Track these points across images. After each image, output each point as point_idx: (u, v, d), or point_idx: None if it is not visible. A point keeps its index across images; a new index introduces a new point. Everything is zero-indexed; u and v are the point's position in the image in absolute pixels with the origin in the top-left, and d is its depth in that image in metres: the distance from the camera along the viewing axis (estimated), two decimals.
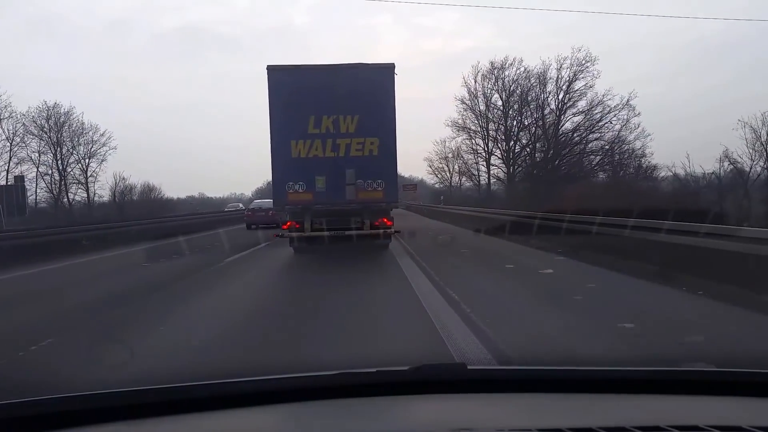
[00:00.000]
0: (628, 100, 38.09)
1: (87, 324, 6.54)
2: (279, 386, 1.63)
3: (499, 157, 45.40)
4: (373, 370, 1.65)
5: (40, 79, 63.78)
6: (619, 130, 38.97)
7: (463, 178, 51.95)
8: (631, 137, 38.74)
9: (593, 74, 39.54)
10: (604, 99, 39.00)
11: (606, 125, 39.61)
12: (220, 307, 7.57)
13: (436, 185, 56.15)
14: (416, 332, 5.70)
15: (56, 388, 1.79)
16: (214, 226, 27.56)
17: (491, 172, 46.55)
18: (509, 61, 43.38)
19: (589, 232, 12.08)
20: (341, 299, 7.60)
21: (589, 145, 41.07)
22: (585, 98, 40.18)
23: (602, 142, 40.19)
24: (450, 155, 51.25)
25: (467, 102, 45.25)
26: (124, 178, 44.79)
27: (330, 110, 12.17)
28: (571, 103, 40.97)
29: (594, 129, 40.20)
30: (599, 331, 5.48)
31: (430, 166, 52.37)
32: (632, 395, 1.57)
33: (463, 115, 45.54)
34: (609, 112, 39.13)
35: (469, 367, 1.65)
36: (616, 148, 39.67)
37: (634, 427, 1.22)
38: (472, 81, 44.44)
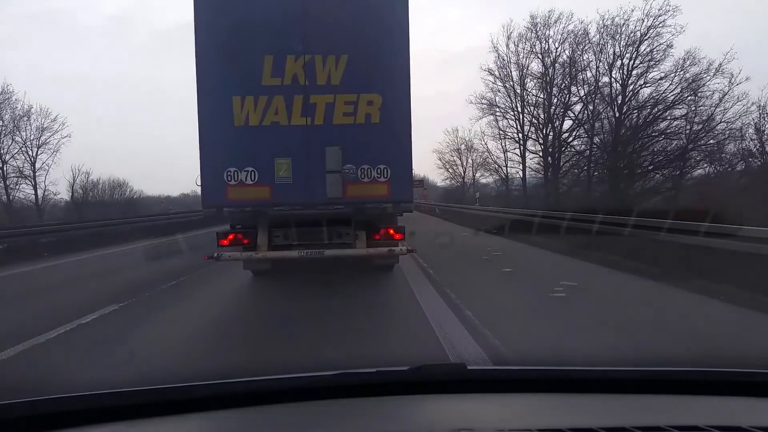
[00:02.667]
0: (720, 66, 28.60)
1: None
2: (279, 386, 1.71)
3: (539, 141, 37.39)
4: (373, 370, 1.73)
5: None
6: (717, 104, 29.21)
7: (478, 173, 47.20)
8: (730, 113, 28.95)
9: (672, 30, 30.08)
10: (687, 64, 29.49)
11: (689, 98, 29.93)
12: None
13: (445, 182, 52.31)
14: None
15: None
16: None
17: (524, 163, 38.40)
18: (555, 16, 34.39)
19: None
20: None
21: (674, 124, 30.41)
22: (662, 63, 30.75)
23: (682, 122, 30.41)
24: (463, 146, 47.24)
25: (495, 73, 37.52)
26: (87, 173, 39.80)
27: (299, 47, 7.93)
28: (644, 68, 31.36)
29: (678, 102, 30.20)
30: None
31: (440, 159, 48.55)
32: (632, 395, 1.65)
33: (492, 87, 38.06)
34: (692, 81, 29.56)
35: (469, 368, 1.74)
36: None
37: (634, 427, 1.29)
38: (503, 45, 36.61)
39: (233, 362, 4.83)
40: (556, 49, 34.86)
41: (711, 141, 29.90)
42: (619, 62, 32.05)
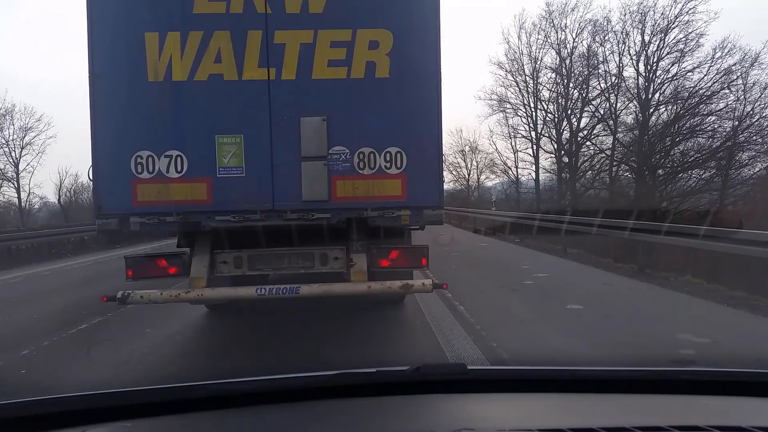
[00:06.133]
0: (756, 57, 27.81)
1: None
2: (279, 386, 1.81)
3: (552, 139, 36.82)
4: (373, 370, 1.82)
5: None
6: (758, 97, 28.12)
7: (483, 176, 47.76)
8: None
9: (705, 17, 29.66)
10: (725, 53, 28.11)
11: (733, 90, 28.54)
12: None
13: (448, 184, 50.71)
14: None
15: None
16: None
17: (537, 164, 37.91)
18: (572, 4, 34.15)
19: None
20: None
21: (711, 119, 28.76)
22: (695, 52, 29.53)
23: (722, 115, 28.79)
24: (467, 148, 47.80)
25: (506, 66, 37.38)
26: (75, 175, 40.02)
27: None
28: (674, 58, 30.22)
29: (718, 93, 28.78)
30: None
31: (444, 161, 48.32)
32: (632, 395, 1.74)
33: (504, 82, 37.88)
34: (724, 74, 28.38)
35: (469, 367, 1.83)
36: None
37: (634, 427, 1.38)
38: (515, 35, 37.49)
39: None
40: (574, 39, 34.31)
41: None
42: (645, 52, 31.25)
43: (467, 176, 50.18)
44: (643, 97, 31.38)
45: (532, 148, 38.68)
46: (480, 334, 6.27)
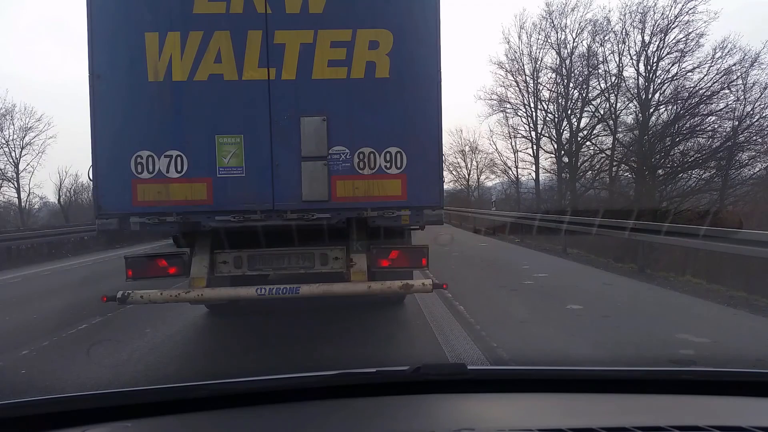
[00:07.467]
0: (756, 57, 27.87)
1: None
2: (279, 386, 1.81)
3: (552, 139, 36.93)
4: (373, 370, 1.82)
5: None
6: (758, 98, 28.10)
7: (483, 176, 47.86)
8: None
9: (705, 17, 30.01)
10: (725, 53, 28.07)
11: (733, 90, 28.52)
12: None
13: (448, 184, 50.92)
14: None
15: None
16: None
17: (537, 164, 38.03)
18: (572, 4, 35.45)
19: None
20: None
21: (711, 119, 28.60)
22: (695, 52, 29.51)
23: (722, 115, 28.68)
24: (467, 148, 47.98)
25: (506, 66, 37.58)
26: (75, 175, 40.10)
27: None
28: (674, 58, 30.20)
29: (718, 92, 28.62)
30: None
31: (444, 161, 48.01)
32: (632, 395, 1.74)
33: (504, 82, 38.17)
34: (724, 74, 28.36)
35: (469, 367, 1.83)
36: None
37: (634, 427, 1.38)
38: (515, 35, 37.90)
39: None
40: (574, 39, 34.55)
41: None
42: (645, 52, 31.38)
43: (467, 176, 50.42)
44: (643, 97, 31.54)
45: (532, 148, 39.09)
46: (480, 334, 6.31)
